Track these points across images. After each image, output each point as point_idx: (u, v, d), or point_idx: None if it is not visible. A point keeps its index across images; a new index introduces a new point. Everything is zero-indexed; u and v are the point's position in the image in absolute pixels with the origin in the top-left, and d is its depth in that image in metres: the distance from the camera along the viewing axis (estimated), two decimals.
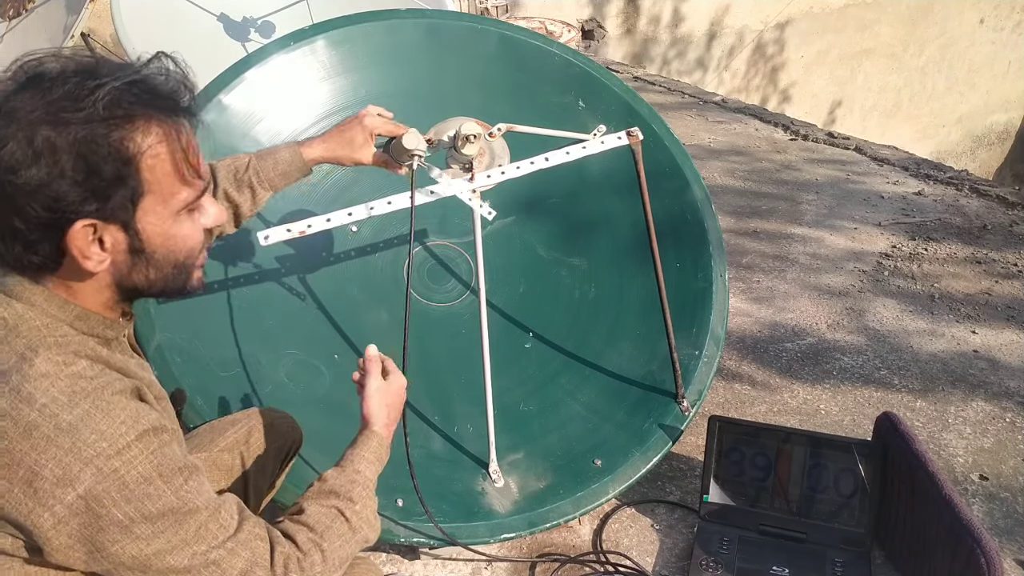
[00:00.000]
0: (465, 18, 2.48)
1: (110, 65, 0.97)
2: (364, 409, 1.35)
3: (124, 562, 0.95)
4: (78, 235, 0.94)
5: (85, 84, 0.92)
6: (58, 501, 0.90)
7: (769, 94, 8.07)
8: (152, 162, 0.96)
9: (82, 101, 0.91)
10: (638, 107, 2.28)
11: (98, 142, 0.92)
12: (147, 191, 0.97)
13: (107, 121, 0.92)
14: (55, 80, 0.93)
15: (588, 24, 6.89)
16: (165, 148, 0.97)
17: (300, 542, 1.08)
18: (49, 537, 0.91)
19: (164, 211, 1.00)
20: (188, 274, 1.08)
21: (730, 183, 4.09)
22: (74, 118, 0.91)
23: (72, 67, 0.95)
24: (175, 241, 1.03)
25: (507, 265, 2.25)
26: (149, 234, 0.99)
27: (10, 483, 0.90)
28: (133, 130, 0.94)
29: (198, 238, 1.07)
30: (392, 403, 1.38)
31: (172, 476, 0.96)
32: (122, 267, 1.01)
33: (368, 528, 1.19)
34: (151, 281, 1.04)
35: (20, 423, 0.90)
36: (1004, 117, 9.39)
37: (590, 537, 2.01)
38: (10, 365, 0.92)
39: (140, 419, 0.95)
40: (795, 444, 1.96)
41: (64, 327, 0.98)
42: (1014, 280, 3.13)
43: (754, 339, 2.82)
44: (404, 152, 1.61)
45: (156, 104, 0.97)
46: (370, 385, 1.36)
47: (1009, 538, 1.99)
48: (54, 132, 0.90)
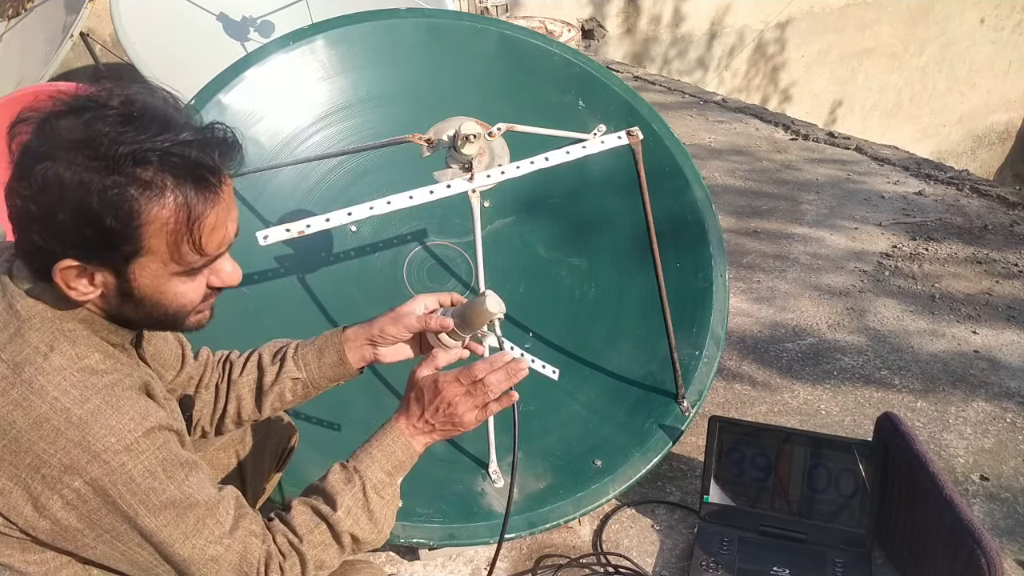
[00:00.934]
0: (465, 17, 2.47)
1: (162, 118, 0.93)
2: (407, 394, 1.21)
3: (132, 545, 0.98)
4: (64, 271, 0.93)
5: (122, 134, 0.89)
6: (66, 486, 0.92)
7: (770, 94, 8.07)
8: (156, 232, 0.93)
9: (108, 149, 0.88)
10: (638, 107, 2.28)
11: (106, 196, 0.89)
12: (145, 253, 0.94)
13: (124, 178, 0.90)
14: (98, 117, 0.90)
15: (588, 23, 6.88)
16: (174, 224, 0.93)
17: (279, 543, 1.09)
18: (59, 518, 0.94)
19: (161, 271, 0.97)
20: (181, 320, 1.04)
21: (730, 183, 4.08)
22: (92, 164, 0.89)
23: (125, 108, 0.92)
24: (166, 296, 1.00)
25: (507, 265, 2.24)
26: (140, 284, 0.97)
27: (16, 469, 0.92)
28: (149, 196, 0.91)
29: (193, 296, 1.02)
30: (452, 414, 1.18)
31: (175, 471, 0.99)
32: (112, 302, 0.99)
33: (360, 532, 1.14)
34: (141, 318, 1.02)
35: (31, 415, 0.91)
36: (1005, 117, 9.38)
37: (590, 538, 2.00)
38: (23, 357, 0.94)
39: (148, 416, 0.97)
40: (795, 444, 1.96)
41: (74, 322, 0.99)
42: (1015, 280, 3.13)
43: (754, 339, 2.81)
44: (484, 317, 1.30)
45: (185, 178, 0.93)
46: (444, 377, 1.18)
47: (1010, 538, 1.99)
48: (68, 171, 0.88)
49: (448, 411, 1.18)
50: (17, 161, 0.91)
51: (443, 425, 1.19)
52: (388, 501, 1.18)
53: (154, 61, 3.27)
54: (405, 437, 1.19)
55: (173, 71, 3.19)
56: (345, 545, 1.13)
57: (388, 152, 2.06)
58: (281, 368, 1.38)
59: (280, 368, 1.38)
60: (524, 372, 1.19)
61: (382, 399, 1.95)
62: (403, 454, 1.19)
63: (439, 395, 1.18)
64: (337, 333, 1.40)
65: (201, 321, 1.08)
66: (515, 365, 1.18)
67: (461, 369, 1.19)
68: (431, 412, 1.18)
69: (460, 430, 1.20)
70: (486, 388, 1.17)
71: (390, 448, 1.18)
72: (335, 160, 2.16)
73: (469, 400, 1.18)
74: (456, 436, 1.22)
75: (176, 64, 3.29)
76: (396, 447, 1.19)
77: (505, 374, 1.18)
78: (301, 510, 1.13)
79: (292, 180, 2.13)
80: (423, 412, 1.19)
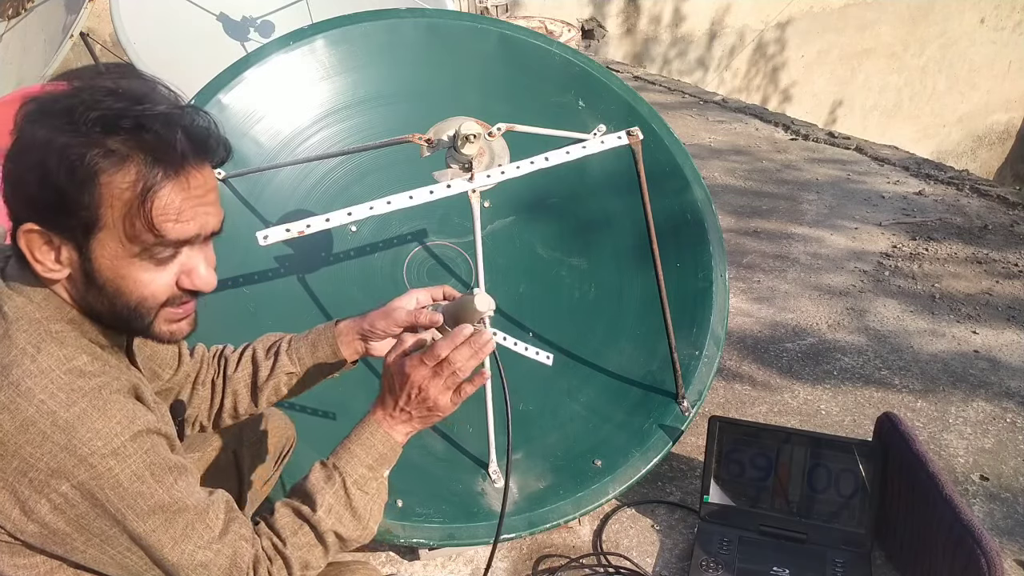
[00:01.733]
0: (465, 17, 2.47)
1: (142, 93, 0.94)
2: (382, 383, 1.18)
3: (121, 549, 0.98)
4: (27, 235, 0.93)
5: (99, 102, 0.91)
6: (53, 490, 0.91)
7: (770, 94, 8.07)
8: (113, 202, 0.92)
9: (81, 114, 0.90)
10: (638, 107, 2.28)
11: (66, 155, 0.90)
12: (103, 226, 0.93)
13: (89, 141, 0.90)
14: (85, 88, 0.92)
15: (588, 23, 6.88)
16: (130, 194, 0.92)
17: (265, 547, 1.08)
18: (47, 522, 0.93)
19: (120, 251, 0.95)
20: (145, 320, 1.00)
21: (731, 183, 4.08)
22: (64, 127, 0.90)
23: (113, 84, 0.93)
24: (126, 283, 0.97)
25: (507, 265, 2.24)
26: (101, 265, 0.95)
27: (3, 472, 0.91)
28: (111, 162, 0.91)
29: (155, 290, 0.98)
30: (424, 399, 1.15)
31: (163, 475, 0.98)
32: (79, 286, 0.98)
33: (344, 530, 1.13)
34: (106, 311, 0.99)
35: (17, 417, 0.90)
36: (1005, 117, 9.39)
37: (590, 538, 2.00)
38: (11, 359, 0.93)
39: (136, 420, 0.96)
40: (795, 444, 1.96)
41: (62, 323, 0.98)
42: (1015, 280, 3.13)
43: (754, 339, 2.81)
44: (473, 316, 1.34)
45: (148, 151, 0.92)
46: (411, 361, 1.14)
47: (1010, 538, 1.99)
48: (42, 131, 0.91)
49: (420, 396, 1.15)
50: (13, 135, 0.94)
51: (419, 411, 1.16)
52: (372, 496, 1.16)
53: (154, 61, 3.27)
54: (383, 429, 1.17)
55: (173, 71, 3.19)
56: (329, 545, 1.12)
57: (388, 152, 2.06)
58: (275, 363, 1.39)
59: (274, 363, 1.39)
60: (490, 346, 1.16)
61: None
62: (383, 446, 1.17)
63: (407, 380, 1.15)
64: (330, 327, 1.40)
65: (175, 333, 1.04)
66: (478, 338, 1.14)
67: (424, 350, 1.15)
68: (404, 399, 1.16)
69: (439, 415, 1.17)
70: (452, 366, 1.13)
71: (369, 441, 1.16)
72: (335, 160, 2.16)
73: (439, 381, 1.14)
74: (437, 421, 1.19)
75: (176, 64, 3.28)
76: (375, 440, 1.16)
77: (470, 348, 1.14)
78: (284, 512, 1.12)
79: (292, 180, 2.13)
80: (397, 400, 1.16)
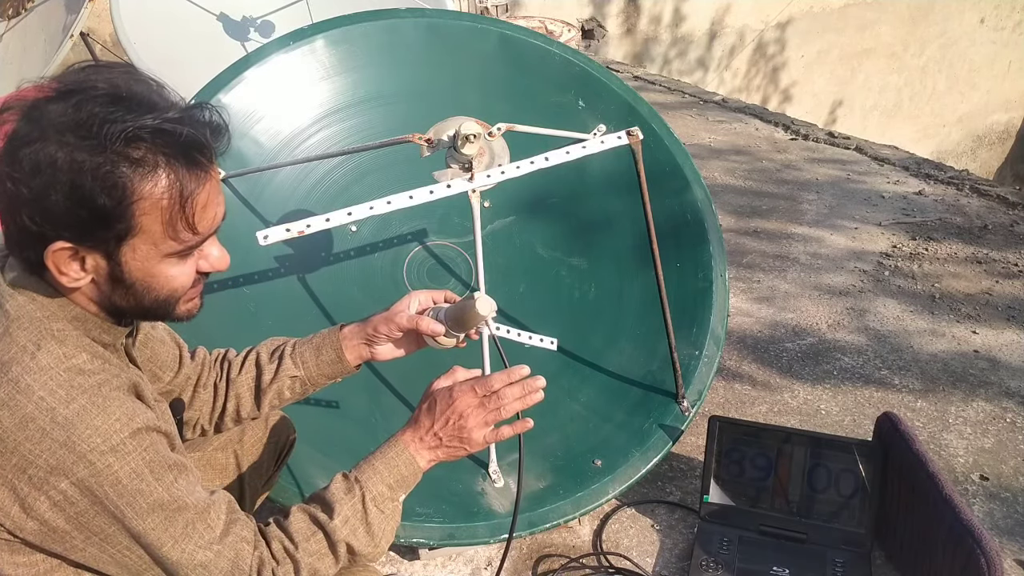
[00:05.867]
0: (465, 17, 2.48)
1: (150, 99, 0.94)
2: (420, 405, 1.21)
3: (120, 548, 0.98)
4: (56, 253, 0.93)
5: (112, 113, 0.90)
6: (53, 487, 0.92)
7: (770, 94, 8.07)
8: (149, 210, 0.94)
9: (99, 129, 0.89)
10: (638, 107, 2.28)
11: (99, 174, 0.90)
12: (137, 233, 0.95)
13: (116, 156, 0.90)
14: (88, 99, 0.91)
15: (588, 23, 6.88)
16: (167, 201, 0.94)
17: (274, 549, 1.08)
18: (47, 520, 0.93)
19: (152, 252, 0.97)
20: (170, 307, 1.04)
21: (731, 183, 4.08)
22: (84, 144, 0.89)
23: (113, 90, 0.93)
24: (157, 280, 1.00)
25: (507, 265, 2.24)
26: (131, 268, 0.97)
27: (3, 469, 0.91)
28: (141, 174, 0.92)
29: (183, 280, 1.02)
30: (461, 427, 1.17)
31: (163, 473, 0.98)
32: (103, 288, 0.99)
33: (356, 544, 1.12)
34: (131, 307, 1.01)
35: (17, 414, 0.91)
36: (1005, 117, 9.38)
37: (590, 537, 2.00)
38: (11, 356, 0.93)
39: (135, 417, 0.96)
40: (795, 444, 1.96)
41: (63, 322, 0.98)
42: (1015, 280, 3.13)
43: (754, 339, 2.81)
44: (475, 319, 1.36)
45: (176, 155, 0.94)
46: (460, 386, 1.18)
47: (1009, 538, 1.99)
48: (61, 151, 0.89)
49: (459, 423, 1.17)
50: (5, 148, 0.92)
51: (450, 440, 1.18)
52: (388, 516, 1.16)
53: (154, 61, 3.27)
54: (410, 451, 1.18)
55: (173, 71, 3.19)
56: (340, 555, 1.12)
57: (388, 152, 2.06)
58: (279, 366, 1.39)
59: (278, 366, 1.39)
60: (539, 396, 1.20)
61: (381, 398, 1.95)
62: (406, 469, 1.17)
63: (452, 404, 1.17)
64: (335, 331, 1.40)
65: (191, 310, 1.07)
66: (532, 383, 1.20)
67: (477, 379, 1.19)
68: (440, 424, 1.18)
69: (467, 448, 1.19)
70: (500, 401, 1.18)
71: (393, 461, 1.17)
72: (335, 160, 2.16)
73: (481, 413, 1.18)
74: (463, 456, 1.21)
75: (176, 64, 3.28)
76: (400, 461, 1.17)
77: (521, 389, 1.19)
78: (299, 517, 1.12)
79: (292, 180, 2.13)
80: (433, 423, 1.18)
